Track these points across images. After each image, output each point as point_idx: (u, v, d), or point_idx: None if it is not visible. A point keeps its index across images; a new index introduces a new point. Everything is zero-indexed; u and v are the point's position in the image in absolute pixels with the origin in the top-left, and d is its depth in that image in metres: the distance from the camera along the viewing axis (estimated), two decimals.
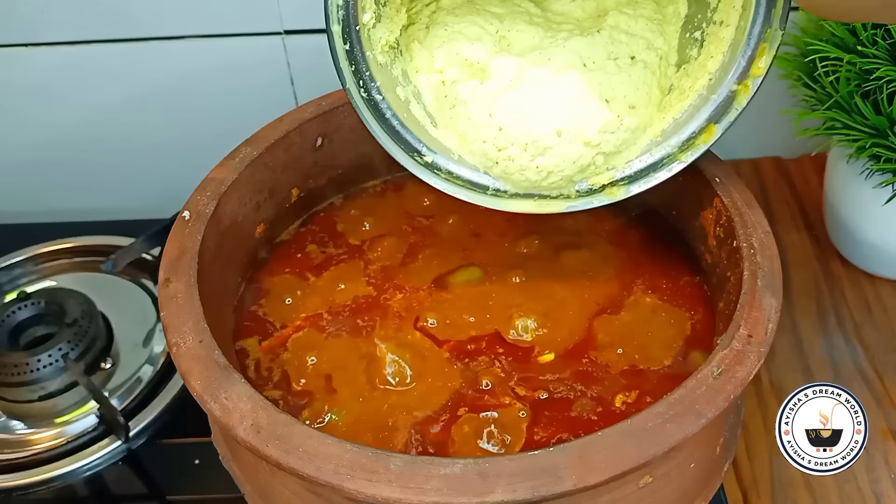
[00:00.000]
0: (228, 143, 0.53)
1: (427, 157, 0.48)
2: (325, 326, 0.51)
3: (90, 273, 0.72)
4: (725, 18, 0.46)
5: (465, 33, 0.48)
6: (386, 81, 0.46)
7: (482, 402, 0.46)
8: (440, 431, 0.45)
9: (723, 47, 0.46)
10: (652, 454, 0.37)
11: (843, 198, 0.67)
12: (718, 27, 0.47)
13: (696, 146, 0.48)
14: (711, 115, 0.47)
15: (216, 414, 0.39)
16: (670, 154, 0.48)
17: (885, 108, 0.58)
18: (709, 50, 0.47)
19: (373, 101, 0.46)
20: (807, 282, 0.69)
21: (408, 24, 0.49)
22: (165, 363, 0.64)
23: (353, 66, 0.44)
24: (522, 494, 0.35)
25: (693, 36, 0.48)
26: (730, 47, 0.46)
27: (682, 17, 0.49)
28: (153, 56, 0.75)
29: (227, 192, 0.50)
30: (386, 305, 0.52)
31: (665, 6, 0.50)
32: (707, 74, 0.47)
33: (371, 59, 0.45)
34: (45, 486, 0.58)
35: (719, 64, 0.47)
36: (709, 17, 0.47)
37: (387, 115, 0.47)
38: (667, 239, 0.55)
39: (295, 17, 0.72)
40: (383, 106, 0.46)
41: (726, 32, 0.46)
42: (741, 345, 0.41)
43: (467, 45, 0.48)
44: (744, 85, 0.46)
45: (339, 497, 0.38)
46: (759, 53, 0.45)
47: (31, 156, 0.82)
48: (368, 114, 0.46)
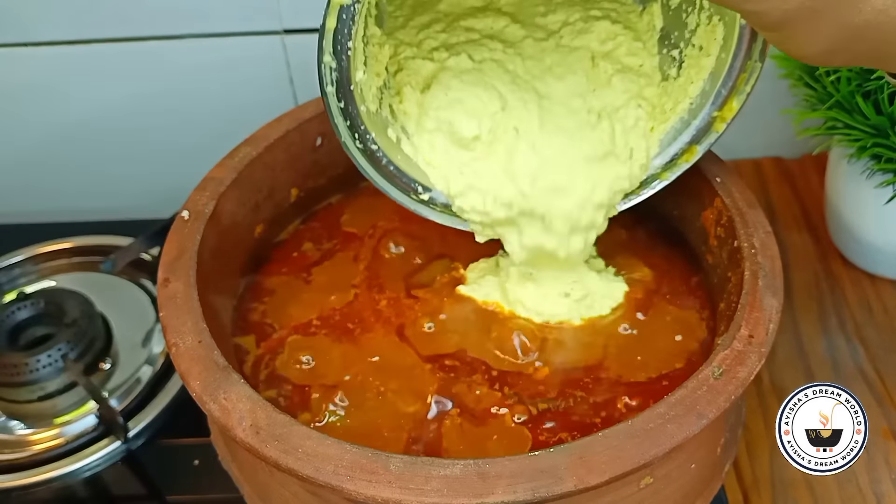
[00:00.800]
0: (228, 142, 0.53)
1: (423, 195, 0.49)
2: (320, 327, 0.51)
3: (89, 273, 0.72)
4: (706, 46, 0.47)
5: (465, 104, 0.49)
6: (378, 126, 0.47)
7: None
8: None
9: (703, 74, 0.48)
10: (653, 455, 0.37)
11: (845, 198, 0.67)
12: (698, 53, 0.48)
13: (678, 165, 0.50)
14: (693, 138, 0.49)
15: (215, 414, 0.39)
16: (654, 174, 0.50)
17: (886, 108, 0.58)
18: (689, 75, 0.49)
19: (368, 151, 0.47)
20: (808, 282, 0.69)
21: (396, 69, 0.49)
22: (165, 363, 0.64)
23: (349, 121, 0.45)
24: (522, 495, 0.35)
25: (671, 54, 0.50)
26: (710, 75, 0.48)
27: (658, 31, 0.50)
28: (153, 56, 0.75)
29: (226, 192, 0.50)
30: (383, 308, 0.52)
31: (636, 23, 0.51)
32: (688, 99, 0.49)
33: (364, 111, 0.45)
34: (44, 487, 0.58)
35: (699, 90, 0.48)
36: (686, 38, 0.49)
37: (383, 162, 0.47)
38: (667, 239, 0.55)
39: (295, 17, 0.72)
40: (379, 154, 0.47)
41: (706, 62, 0.48)
42: (742, 345, 0.41)
43: (463, 119, 0.48)
44: (720, 115, 0.48)
45: (338, 498, 0.38)
46: (739, 83, 0.47)
47: (31, 156, 0.82)
48: (366, 163, 0.47)
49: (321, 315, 0.51)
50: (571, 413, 0.45)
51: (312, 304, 0.52)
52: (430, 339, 0.49)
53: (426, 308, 0.51)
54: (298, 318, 0.51)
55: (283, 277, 0.54)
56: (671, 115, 0.49)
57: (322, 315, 0.51)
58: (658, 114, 0.50)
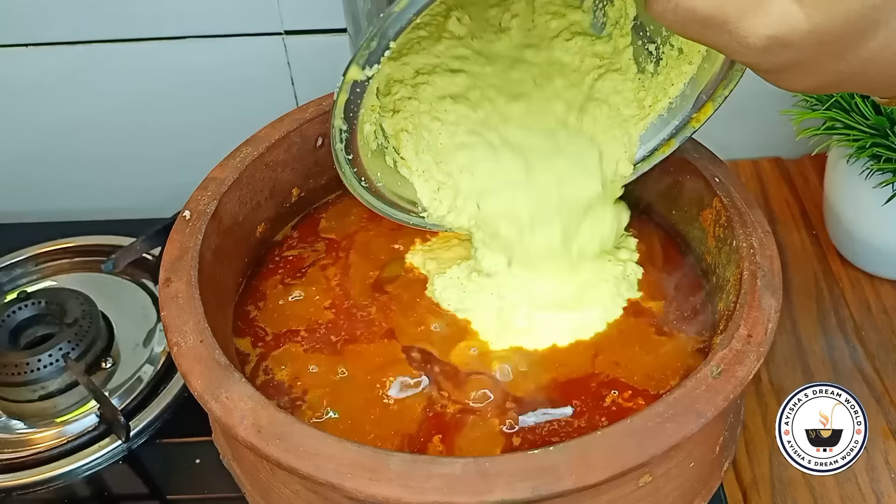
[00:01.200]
0: (229, 142, 0.53)
1: (423, 213, 0.51)
2: (317, 328, 0.50)
3: (90, 273, 0.72)
4: (686, 52, 0.48)
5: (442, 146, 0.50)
6: (378, 163, 0.48)
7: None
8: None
9: (684, 79, 0.49)
10: (651, 453, 0.37)
11: (844, 198, 0.67)
12: (678, 56, 0.48)
13: (654, 157, 0.51)
14: (671, 134, 0.50)
15: (217, 413, 0.39)
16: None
17: (886, 108, 0.58)
18: (669, 76, 0.49)
19: (373, 189, 0.48)
20: (807, 282, 0.69)
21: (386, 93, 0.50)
22: (166, 363, 0.64)
23: (355, 168, 0.46)
24: (522, 493, 0.35)
25: (647, 48, 0.50)
26: (691, 80, 0.48)
27: (631, 19, 0.50)
28: (153, 56, 0.75)
29: (227, 192, 0.50)
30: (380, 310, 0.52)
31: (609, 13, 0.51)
32: (667, 99, 0.49)
33: (366, 157, 0.46)
34: (45, 486, 0.58)
35: (679, 92, 0.49)
36: (664, 36, 0.49)
37: (387, 196, 0.49)
38: (666, 239, 0.55)
39: (295, 17, 0.72)
40: (384, 190, 0.48)
41: (688, 68, 0.48)
42: (741, 344, 0.41)
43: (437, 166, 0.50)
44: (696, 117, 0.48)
45: (339, 496, 0.38)
46: (718, 89, 0.47)
47: (31, 156, 0.82)
48: (372, 199, 0.48)
49: (320, 314, 0.51)
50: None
51: (311, 304, 0.52)
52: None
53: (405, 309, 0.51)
54: (296, 318, 0.51)
55: (281, 278, 0.54)
56: (651, 112, 0.50)
57: (320, 314, 0.51)
58: (636, 109, 0.50)
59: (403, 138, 0.50)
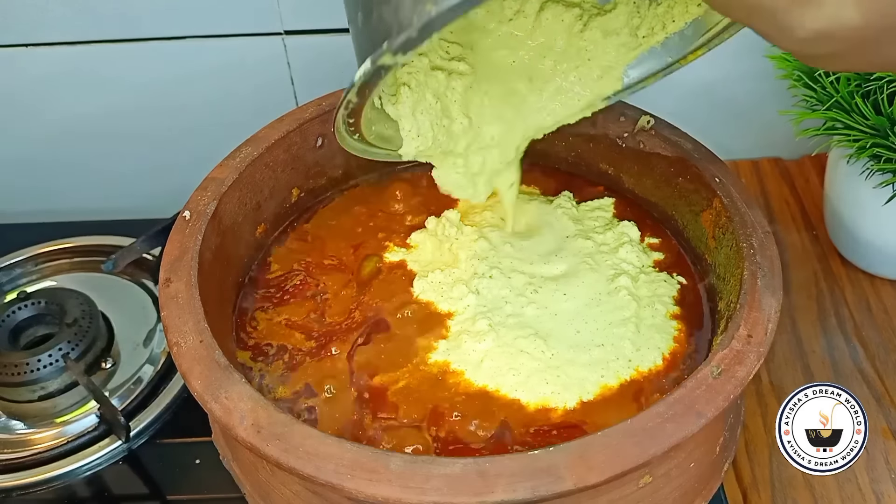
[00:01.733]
0: (229, 142, 0.53)
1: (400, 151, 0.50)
2: (314, 329, 0.51)
3: (90, 273, 0.72)
4: None
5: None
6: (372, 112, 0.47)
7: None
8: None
9: (688, 18, 0.47)
10: (652, 454, 0.37)
11: (844, 198, 0.67)
12: None
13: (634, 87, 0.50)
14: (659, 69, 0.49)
15: (216, 413, 0.39)
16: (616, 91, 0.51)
17: (886, 109, 0.58)
18: (671, 11, 0.47)
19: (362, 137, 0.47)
20: (807, 282, 0.69)
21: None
22: (166, 363, 0.64)
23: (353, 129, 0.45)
24: (522, 494, 0.35)
25: None
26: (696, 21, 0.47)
27: None
28: (153, 56, 0.75)
29: (227, 192, 0.50)
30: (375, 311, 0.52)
31: None
32: (664, 33, 0.48)
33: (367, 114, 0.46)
34: (45, 486, 0.58)
35: (679, 29, 0.47)
36: None
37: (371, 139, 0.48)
38: (666, 239, 0.55)
39: (295, 17, 0.72)
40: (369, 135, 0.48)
41: (696, 10, 0.46)
42: (741, 345, 0.41)
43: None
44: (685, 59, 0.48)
45: (338, 496, 0.38)
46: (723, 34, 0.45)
47: (31, 156, 0.82)
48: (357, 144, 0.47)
49: (318, 315, 0.51)
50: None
51: (311, 305, 0.52)
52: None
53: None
54: (296, 318, 0.51)
55: (281, 278, 0.54)
56: (643, 44, 0.49)
57: (319, 315, 0.51)
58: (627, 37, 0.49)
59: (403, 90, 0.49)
